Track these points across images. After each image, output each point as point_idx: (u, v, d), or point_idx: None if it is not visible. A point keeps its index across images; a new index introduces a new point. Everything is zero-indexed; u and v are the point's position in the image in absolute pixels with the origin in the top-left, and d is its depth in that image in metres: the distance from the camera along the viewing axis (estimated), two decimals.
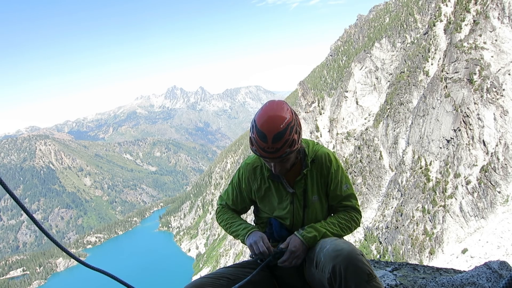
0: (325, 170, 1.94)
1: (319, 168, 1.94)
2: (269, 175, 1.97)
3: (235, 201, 2.15)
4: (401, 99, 49.00)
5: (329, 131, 59.51)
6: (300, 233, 1.83)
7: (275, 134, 1.68)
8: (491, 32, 38.16)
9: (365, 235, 45.00)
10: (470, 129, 35.33)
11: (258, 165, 2.02)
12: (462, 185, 34.41)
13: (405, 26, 61.49)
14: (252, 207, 2.23)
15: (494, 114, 34.01)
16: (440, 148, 38.79)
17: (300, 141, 1.82)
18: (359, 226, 1.99)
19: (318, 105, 63.64)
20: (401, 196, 41.92)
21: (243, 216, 2.33)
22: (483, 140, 34.27)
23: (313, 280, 1.80)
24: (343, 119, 58.10)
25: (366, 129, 53.37)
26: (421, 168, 40.27)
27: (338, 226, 1.88)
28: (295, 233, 1.85)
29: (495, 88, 34.72)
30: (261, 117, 1.72)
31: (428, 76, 46.31)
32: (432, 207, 36.12)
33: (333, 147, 55.80)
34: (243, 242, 2.02)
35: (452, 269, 3.00)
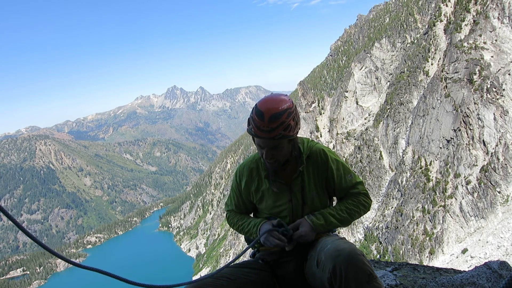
0: (321, 166, 1.95)
1: (315, 164, 1.95)
2: (266, 175, 1.98)
3: (238, 205, 2.15)
4: (401, 99, 48.99)
5: (329, 131, 59.49)
6: (310, 218, 1.87)
7: (272, 114, 1.72)
8: (491, 32, 38.15)
9: (365, 235, 45.00)
10: (470, 129, 35.32)
11: (254, 167, 2.03)
12: (462, 185, 34.40)
13: (405, 26, 61.47)
14: None
15: (494, 114, 33.99)
16: (440, 148, 38.78)
17: (296, 132, 1.84)
18: (369, 209, 2.01)
19: (318, 105, 63.61)
20: (401, 196, 41.91)
21: None
22: (483, 140, 34.26)
23: (314, 279, 1.80)
24: (343, 119, 58.08)
25: (366, 129, 53.36)
26: (421, 168, 40.25)
27: (346, 212, 1.91)
28: (305, 218, 1.88)
29: (495, 88, 34.71)
30: (262, 100, 1.80)
31: (428, 76, 46.29)
32: (432, 207, 36.11)
33: (333, 147, 55.77)
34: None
35: (452, 269, 3.00)
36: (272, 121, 1.72)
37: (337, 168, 1.96)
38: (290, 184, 1.95)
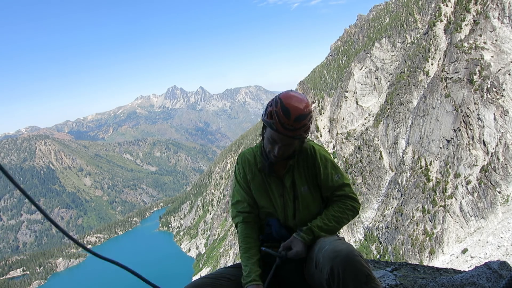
0: (310, 161, 1.96)
1: (305, 159, 1.97)
2: (260, 167, 1.99)
3: (243, 195, 2.05)
4: (401, 99, 48.99)
5: (329, 131, 59.49)
6: (301, 235, 1.84)
7: (299, 114, 1.75)
8: (491, 32, 38.15)
9: (365, 235, 44.99)
10: (470, 129, 35.32)
11: (251, 159, 2.05)
12: (462, 185, 34.40)
13: (405, 26, 61.47)
14: None
15: (494, 114, 34.00)
16: (440, 148, 38.78)
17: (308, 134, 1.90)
18: (357, 213, 1.98)
19: (318, 105, 63.59)
20: (401, 196, 41.91)
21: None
22: (483, 140, 34.26)
23: (313, 280, 1.80)
24: (343, 119, 58.08)
25: (366, 129, 53.35)
26: (421, 168, 40.25)
27: (334, 221, 1.88)
28: (294, 235, 1.86)
29: (495, 88, 34.72)
30: (287, 96, 1.79)
31: (428, 76, 46.30)
32: (432, 207, 36.12)
33: (333, 147, 55.79)
34: None
35: (452, 269, 3.00)
36: (297, 121, 1.75)
37: (325, 165, 1.96)
38: (282, 178, 1.97)
